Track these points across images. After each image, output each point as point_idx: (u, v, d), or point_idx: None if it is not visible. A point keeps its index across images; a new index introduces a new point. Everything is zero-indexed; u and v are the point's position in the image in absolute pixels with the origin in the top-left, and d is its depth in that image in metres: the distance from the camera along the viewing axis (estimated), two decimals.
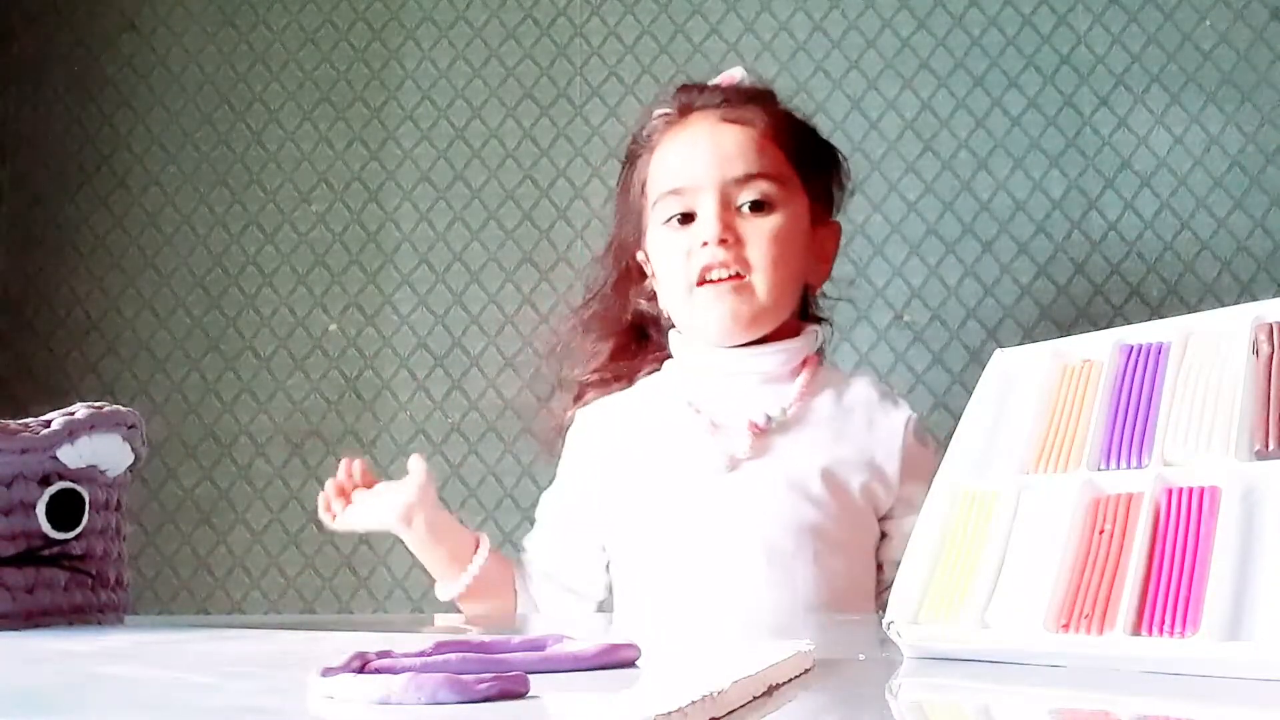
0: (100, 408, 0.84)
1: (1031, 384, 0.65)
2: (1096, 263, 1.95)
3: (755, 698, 0.46)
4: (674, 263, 1.23)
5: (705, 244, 1.20)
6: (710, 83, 1.32)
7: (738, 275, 1.21)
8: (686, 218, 1.23)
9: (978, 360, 1.89)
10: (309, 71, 2.08)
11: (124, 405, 0.85)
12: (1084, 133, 1.97)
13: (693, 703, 0.39)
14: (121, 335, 2.04)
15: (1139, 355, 0.61)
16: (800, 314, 1.31)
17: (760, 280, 1.21)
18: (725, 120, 1.24)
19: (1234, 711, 0.46)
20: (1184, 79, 1.97)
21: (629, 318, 1.35)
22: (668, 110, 1.30)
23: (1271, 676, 0.47)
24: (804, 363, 1.26)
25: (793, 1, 2.03)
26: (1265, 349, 0.56)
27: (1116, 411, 0.59)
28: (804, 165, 1.27)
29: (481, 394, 1.98)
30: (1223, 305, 0.62)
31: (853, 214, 1.96)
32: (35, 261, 2.07)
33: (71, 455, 0.81)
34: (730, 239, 1.20)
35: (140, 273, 2.05)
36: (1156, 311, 1.91)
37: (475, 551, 1.29)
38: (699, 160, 1.23)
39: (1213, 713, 0.46)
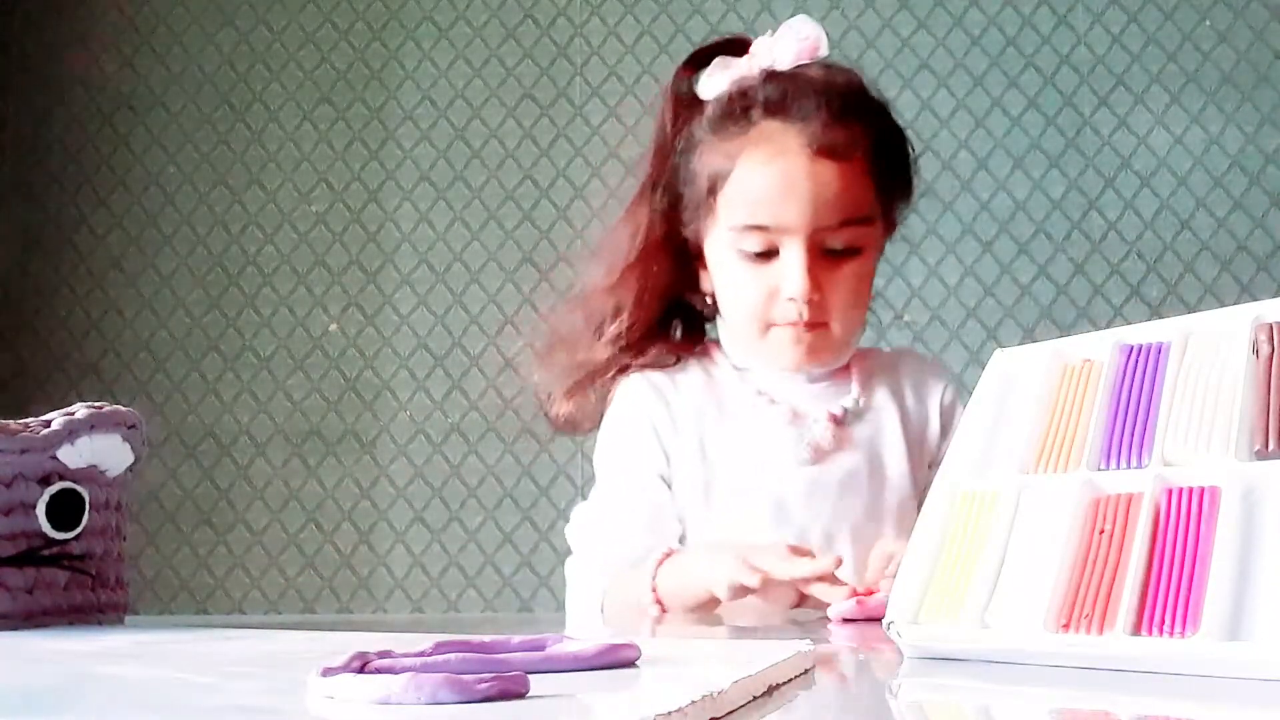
0: (100, 408, 0.84)
1: (1031, 384, 0.65)
2: (1096, 263, 1.95)
3: (755, 698, 0.46)
4: (748, 299, 1.17)
5: (791, 299, 1.14)
6: (788, 58, 1.19)
7: (818, 322, 1.16)
8: (765, 254, 1.15)
9: (978, 360, 1.89)
10: (309, 71, 2.08)
11: (124, 405, 0.85)
12: (1084, 133, 1.98)
13: (693, 703, 0.39)
14: (121, 335, 2.04)
15: (1139, 355, 0.61)
16: None
17: (839, 326, 1.17)
18: (822, 153, 1.14)
19: (1234, 711, 0.45)
20: (1184, 79, 1.97)
21: (670, 285, 1.23)
22: (751, 90, 1.18)
23: (1271, 676, 0.47)
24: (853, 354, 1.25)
25: (793, 2, 2.03)
26: (1265, 349, 0.55)
27: (1116, 411, 0.59)
28: (888, 193, 1.19)
29: (481, 394, 1.98)
30: (1223, 305, 0.61)
31: None
32: (35, 261, 2.07)
33: (71, 455, 0.81)
34: (817, 297, 1.14)
35: (140, 273, 2.05)
36: (1156, 311, 1.91)
37: None
38: (791, 202, 1.13)
39: (1213, 713, 0.45)
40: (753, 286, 1.16)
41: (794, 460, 1.19)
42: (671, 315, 1.25)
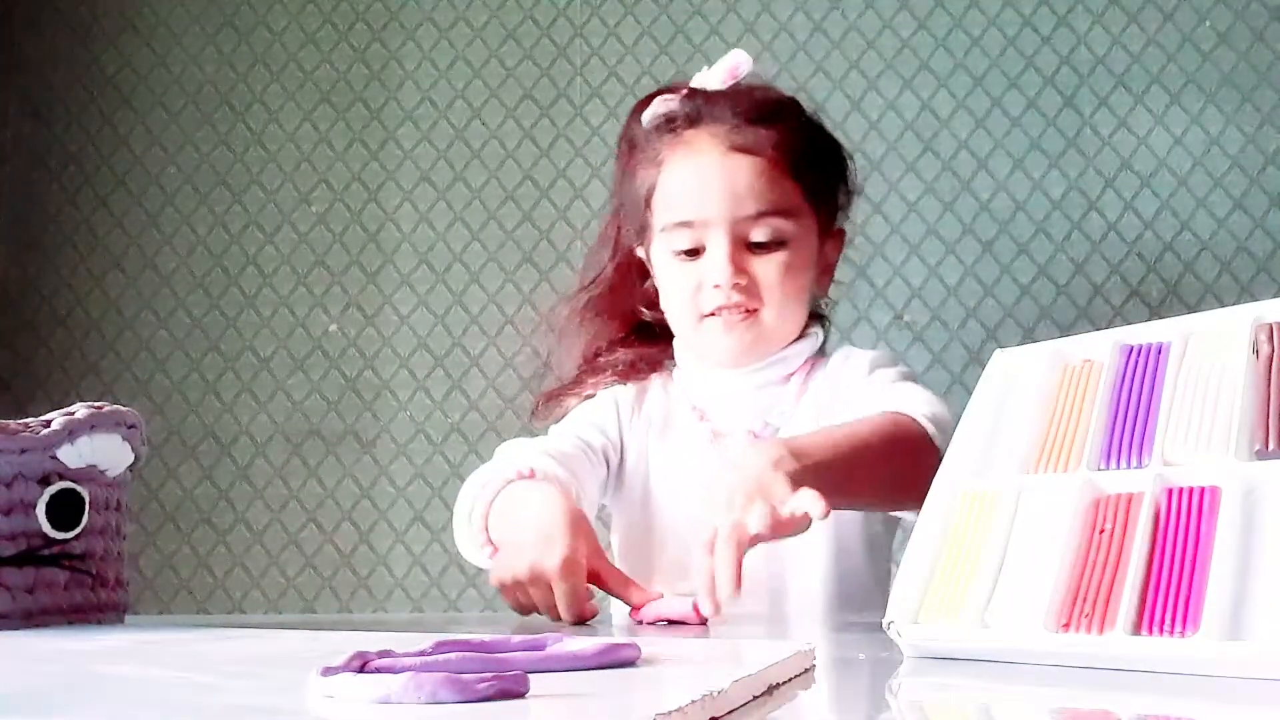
0: (100, 408, 0.84)
1: (1031, 384, 0.65)
2: (1096, 263, 1.95)
3: (755, 697, 0.46)
4: (681, 294, 1.22)
5: (716, 286, 1.19)
6: (716, 80, 1.26)
7: (748, 310, 1.20)
8: (694, 251, 1.20)
9: (978, 360, 1.89)
10: (309, 72, 2.08)
11: (124, 405, 0.85)
12: (1084, 133, 1.97)
13: (693, 702, 0.39)
14: (121, 335, 2.04)
15: (1139, 355, 0.61)
16: None
17: (770, 314, 1.21)
18: (735, 149, 1.20)
19: (1234, 711, 0.46)
20: (1184, 80, 1.97)
21: (632, 308, 1.32)
22: (674, 110, 1.25)
23: (1271, 676, 0.47)
24: (804, 362, 1.27)
25: (793, 2, 2.03)
26: (1265, 349, 0.55)
27: (1116, 411, 0.59)
28: (814, 185, 1.23)
29: (481, 394, 1.98)
30: (1223, 305, 0.61)
31: (853, 214, 1.96)
32: (35, 261, 2.07)
33: (71, 455, 0.81)
34: (742, 281, 1.19)
35: (140, 273, 2.05)
36: (1156, 311, 1.91)
37: None
38: (709, 195, 1.19)
39: (1213, 713, 0.46)
40: (683, 281, 1.21)
41: (710, 476, 1.19)
42: (639, 332, 1.32)
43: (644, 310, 1.31)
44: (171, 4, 2.11)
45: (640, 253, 1.30)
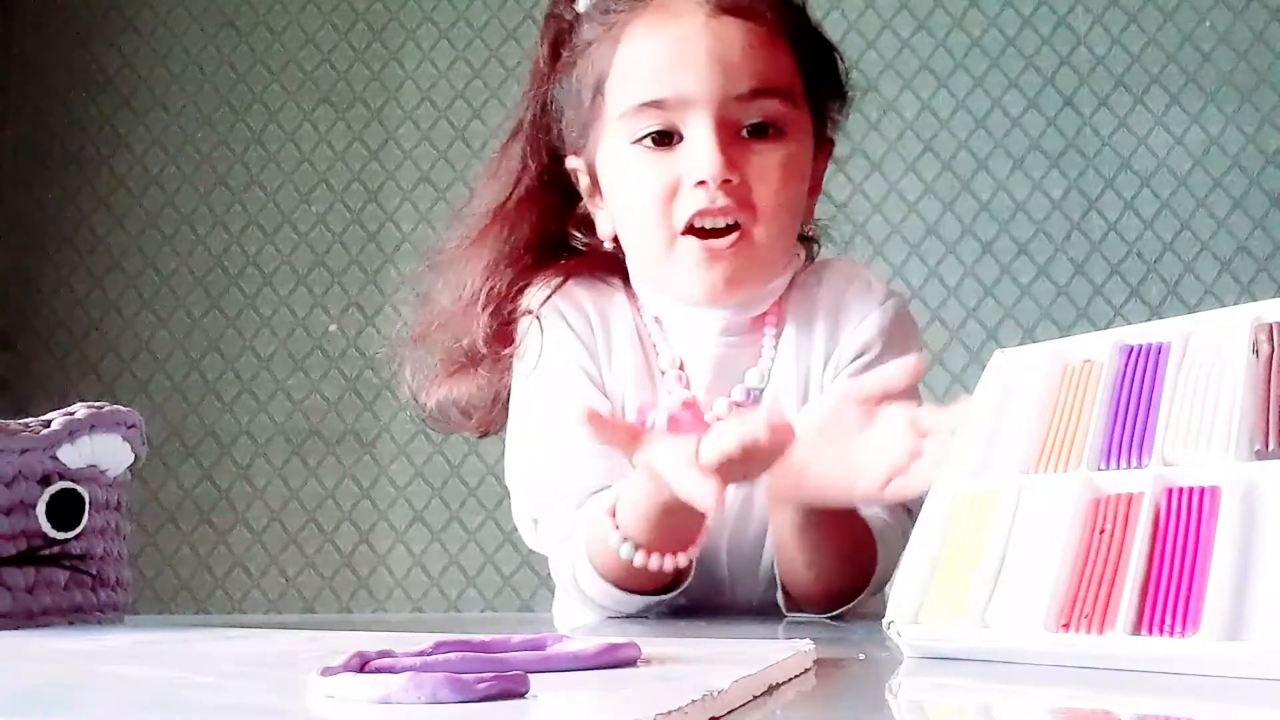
0: (100, 408, 0.84)
1: (1031, 384, 0.64)
2: (1096, 263, 1.95)
3: (755, 697, 0.46)
4: (650, 200, 0.92)
5: (700, 183, 0.91)
6: None
7: (736, 226, 0.92)
8: (665, 136, 0.92)
9: (978, 360, 1.89)
10: (309, 72, 2.08)
11: (124, 405, 0.85)
12: (1084, 133, 1.97)
13: (693, 702, 0.39)
14: (121, 335, 2.04)
15: (1139, 355, 0.61)
16: None
17: (764, 230, 0.93)
18: (722, 10, 0.92)
19: (1234, 711, 0.46)
20: (1184, 80, 1.97)
21: (546, 235, 1.02)
22: None
23: (1271, 676, 0.47)
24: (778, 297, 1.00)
25: None
26: (1265, 349, 0.55)
27: (1116, 411, 0.59)
28: (811, 74, 0.98)
29: None
30: (1223, 305, 0.61)
31: (853, 215, 1.97)
32: (35, 262, 2.07)
33: (71, 455, 0.81)
34: (734, 179, 0.91)
35: (140, 273, 2.05)
36: (1156, 311, 1.91)
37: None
38: (691, 66, 0.91)
39: (1213, 713, 0.46)
40: (650, 177, 0.92)
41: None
42: (551, 251, 1.03)
43: (575, 235, 1.02)
44: (171, 4, 2.11)
45: (575, 163, 1.00)
